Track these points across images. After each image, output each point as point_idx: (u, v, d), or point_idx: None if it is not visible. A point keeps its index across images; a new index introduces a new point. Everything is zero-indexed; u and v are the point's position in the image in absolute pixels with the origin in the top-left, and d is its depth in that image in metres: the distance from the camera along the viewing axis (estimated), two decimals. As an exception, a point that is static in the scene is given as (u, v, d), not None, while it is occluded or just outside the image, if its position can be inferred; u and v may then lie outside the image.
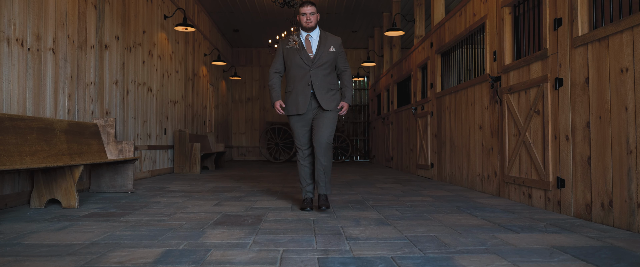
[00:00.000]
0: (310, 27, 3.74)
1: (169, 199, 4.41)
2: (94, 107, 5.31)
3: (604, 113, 3.04)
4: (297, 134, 3.83)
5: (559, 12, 3.56)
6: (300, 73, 3.72)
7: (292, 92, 3.76)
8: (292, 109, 3.75)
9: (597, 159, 3.12)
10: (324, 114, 3.71)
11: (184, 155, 8.21)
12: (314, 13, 3.75)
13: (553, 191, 3.65)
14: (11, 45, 3.87)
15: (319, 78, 3.70)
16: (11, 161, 3.44)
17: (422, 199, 4.46)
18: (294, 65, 3.74)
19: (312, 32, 3.79)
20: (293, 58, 3.75)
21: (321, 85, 3.69)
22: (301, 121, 3.79)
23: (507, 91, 4.37)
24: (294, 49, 3.74)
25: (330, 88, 3.75)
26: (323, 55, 3.72)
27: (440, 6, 6.92)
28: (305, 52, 3.72)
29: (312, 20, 3.73)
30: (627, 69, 2.82)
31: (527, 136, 4.03)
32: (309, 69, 3.70)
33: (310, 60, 3.70)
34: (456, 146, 5.91)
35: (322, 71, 3.72)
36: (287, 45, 3.79)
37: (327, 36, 3.80)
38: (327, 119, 3.70)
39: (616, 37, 2.91)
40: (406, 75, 8.73)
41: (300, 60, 3.72)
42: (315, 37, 3.79)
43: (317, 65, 3.70)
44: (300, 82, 3.71)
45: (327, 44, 3.74)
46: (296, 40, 3.75)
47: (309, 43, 3.76)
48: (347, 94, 3.83)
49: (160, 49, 7.68)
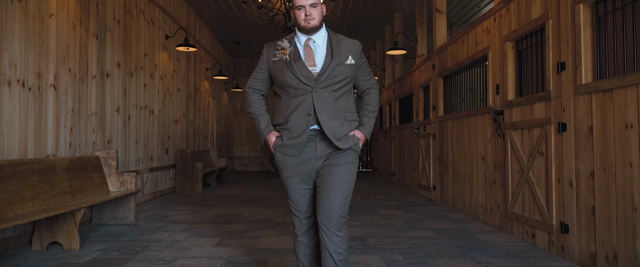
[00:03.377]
0: (313, 26, 2.37)
1: (171, 236, 4.40)
2: (95, 137, 5.30)
3: (609, 165, 3.01)
4: (291, 193, 2.47)
5: (562, 56, 3.53)
6: (295, 97, 2.37)
7: (281, 122, 2.43)
8: (280, 148, 2.42)
9: (602, 210, 3.09)
10: (337, 160, 2.38)
11: (186, 174, 8.21)
12: (316, 4, 2.37)
13: (557, 234, 3.62)
14: (12, 87, 3.86)
15: (328, 104, 2.35)
16: (13, 208, 3.43)
17: (425, 235, 4.44)
18: (286, 85, 2.38)
19: (315, 33, 2.42)
20: (283, 75, 2.38)
21: (331, 115, 2.35)
22: (297, 172, 2.42)
23: (510, 127, 4.34)
24: (281, 61, 2.41)
25: (347, 118, 2.42)
26: (334, 70, 2.36)
27: (442, 28, 6.90)
28: (303, 66, 2.37)
29: (315, 16, 2.36)
30: (632, 125, 2.80)
31: (531, 175, 4.00)
32: (311, 90, 2.34)
33: (313, 78, 2.34)
34: (459, 172, 5.88)
35: (333, 94, 2.37)
36: (273, 55, 2.45)
37: (340, 40, 2.45)
38: (342, 171, 2.37)
39: (621, 91, 2.89)
40: (408, 93, 8.71)
41: (294, 79, 2.35)
42: (320, 41, 2.44)
43: (323, 85, 2.35)
44: (295, 111, 2.35)
45: (340, 52, 2.40)
46: (285, 49, 2.41)
47: (311, 51, 2.41)
48: (367, 122, 2.50)
49: (161, 70, 7.67)
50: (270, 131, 2.45)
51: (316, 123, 2.36)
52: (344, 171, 2.37)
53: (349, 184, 2.38)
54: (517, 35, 4.25)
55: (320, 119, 2.34)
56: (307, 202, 2.49)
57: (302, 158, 2.41)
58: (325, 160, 2.39)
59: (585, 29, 3.27)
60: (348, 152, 2.41)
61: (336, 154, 2.39)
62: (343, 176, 2.36)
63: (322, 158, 2.40)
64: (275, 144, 2.43)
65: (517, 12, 4.26)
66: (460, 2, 9.17)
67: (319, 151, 2.40)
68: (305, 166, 2.40)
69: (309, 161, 2.40)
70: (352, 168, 2.41)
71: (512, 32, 4.32)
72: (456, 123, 5.96)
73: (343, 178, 2.36)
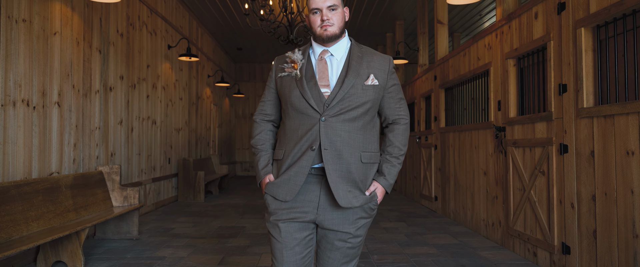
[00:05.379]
0: (331, 34, 1.85)
1: (174, 252, 4.42)
2: (98, 151, 5.33)
3: (610, 191, 3.03)
4: (276, 247, 1.85)
5: (564, 78, 3.55)
6: (301, 126, 1.85)
7: (280, 157, 1.91)
8: (270, 189, 1.88)
9: (603, 234, 3.11)
10: (341, 218, 1.85)
11: (188, 183, 8.23)
12: (336, 7, 1.84)
13: (558, 255, 3.64)
14: (17, 107, 3.89)
15: (340, 137, 1.82)
16: (18, 230, 3.46)
17: (427, 251, 4.46)
18: (291, 108, 1.88)
19: (334, 45, 1.90)
20: (289, 94, 1.88)
21: (342, 150, 1.81)
22: (291, 221, 1.84)
23: (512, 144, 4.36)
24: (291, 77, 1.90)
25: (363, 160, 1.86)
26: (353, 93, 1.83)
27: (444, 40, 6.91)
28: (315, 85, 1.84)
29: (335, 22, 1.84)
30: (634, 152, 2.81)
31: (532, 194, 4.02)
32: (319, 116, 1.81)
33: (323, 102, 1.83)
34: (460, 185, 5.90)
35: (347, 124, 1.83)
36: (281, 69, 1.95)
37: (364, 54, 1.92)
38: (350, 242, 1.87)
39: (622, 118, 2.91)
40: (410, 101, 8.73)
41: (301, 101, 1.84)
42: (340, 54, 1.91)
43: (335, 112, 1.82)
44: (298, 144, 1.84)
45: (360, 69, 1.86)
46: (295, 62, 1.90)
47: (325, 67, 1.88)
48: (388, 171, 1.90)
49: (164, 80, 7.69)
50: (268, 173, 1.92)
51: (320, 162, 1.82)
52: (354, 241, 1.86)
53: (357, 247, 1.90)
54: (519, 54, 4.27)
55: (324, 157, 1.78)
56: (300, 261, 1.84)
57: (298, 202, 1.85)
58: (325, 213, 1.83)
59: (586, 53, 3.29)
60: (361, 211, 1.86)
61: (344, 215, 1.84)
62: (352, 246, 1.87)
63: (319, 209, 1.83)
64: (266, 186, 1.90)
65: (518, 31, 4.27)
66: (461, 11, 9.19)
67: (322, 199, 1.84)
68: (298, 216, 1.83)
69: (304, 208, 1.84)
70: (364, 231, 1.89)
71: (513, 50, 4.34)
72: (458, 136, 5.98)
73: (351, 250, 1.87)
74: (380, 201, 1.91)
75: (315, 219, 1.85)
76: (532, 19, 4.02)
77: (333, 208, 1.84)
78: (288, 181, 1.83)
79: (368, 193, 1.87)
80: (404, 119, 1.97)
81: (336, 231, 1.85)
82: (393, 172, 1.90)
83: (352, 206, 1.81)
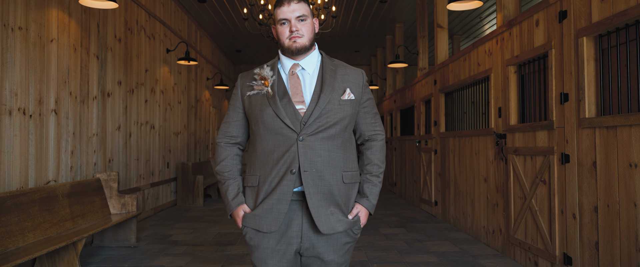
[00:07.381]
0: (300, 46, 1.76)
1: (172, 261, 4.38)
2: (96, 158, 5.29)
3: (613, 203, 3.00)
4: None
5: (565, 87, 3.52)
6: (276, 148, 1.74)
7: (255, 184, 1.79)
8: (251, 221, 1.76)
9: (605, 246, 3.07)
10: (326, 246, 1.78)
11: (187, 188, 8.20)
12: (305, 17, 1.77)
13: (560, 265, 3.61)
14: (13, 116, 3.85)
15: (320, 157, 1.73)
16: (14, 241, 3.42)
17: (427, 260, 4.42)
18: (264, 128, 1.76)
19: (304, 58, 1.81)
20: (261, 113, 1.76)
21: (323, 171, 1.73)
22: (281, 259, 1.77)
23: (513, 152, 4.33)
24: (261, 95, 1.78)
25: (345, 180, 1.78)
26: (330, 109, 1.75)
27: (444, 44, 6.88)
28: (290, 102, 1.75)
29: (304, 33, 1.76)
30: (637, 164, 2.78)
31: (533, 203, 3.99)
32: (296, 136, 1.72)
33: (299, 120, 1.73)
34: (461, 191, 5.87)
35: (326, 142, 1.74)
36: (249, 87, 1.82)
37: (337, 67, 1.84)
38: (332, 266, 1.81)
39: (625, 129, 2.87)
40: (409, 105, 8.69)
41: (276, 120, 1.73)
42: (312, 68, 1.82)
43: (313, 130, 1.72)
44: (274, 169, 1.73)
45: (334, 83, 1.78)
46: (266, 78, 1.78)
47: (298, 82, 1.79)
48: (370, 191, 1.84)
49: (162, 84, 7.66)
50: (240, 203, 1.80)
51: (300, 186, 1.73)
52: (335, 254, 1.79)
53: None
54: (520, 61, 4.23)
55: (304, 180, 1.69)
56: None
57: (280, 232, 1.75)
58: (309, 241, 1.76)
59: (588, 63, 3.25)
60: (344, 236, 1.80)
61: (329, 242, 1.77)
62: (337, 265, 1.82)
63: (302, 235, 1.76)
64: (244, 219, 1.78)
65: (519, 38, 4.24)
66: (461, 14, 9.15)
67: (305, 227, 1.75)
68: (288, 241, 1.75)
69: (293, 236, 1.75)
70: (349, 256, 1.85)
71: (514, 57, 4.31)
72: (458, 141, 5.94)
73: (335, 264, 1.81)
74: (364, 225, 1.84)
75: (299, 249, 1.77)
76: (533, 26, 3.99)
77: (317, 235, 1.76)
78: (270, 210, 1.71)
79: (351, 217, 1.79)
80: (380, 135, 1.91)
81: (323, 260, 1.78)
82: (375, 192, 1.84)
83: (336, 231, 1.73)
